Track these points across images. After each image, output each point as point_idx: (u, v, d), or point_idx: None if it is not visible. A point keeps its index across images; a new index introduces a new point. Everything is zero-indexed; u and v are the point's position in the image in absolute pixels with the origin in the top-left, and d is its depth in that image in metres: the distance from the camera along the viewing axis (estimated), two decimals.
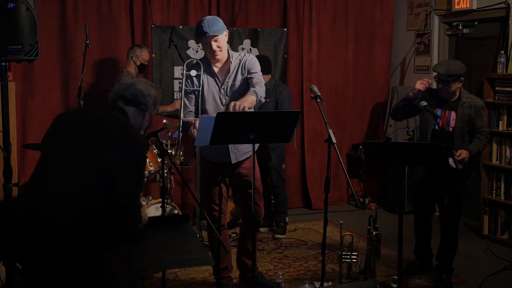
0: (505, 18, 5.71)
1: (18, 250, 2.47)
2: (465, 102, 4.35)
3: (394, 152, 3.86)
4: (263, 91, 4.01)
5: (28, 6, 3.41)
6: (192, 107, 4.03)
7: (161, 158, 3.85)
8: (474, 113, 4.35)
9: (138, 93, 2.80)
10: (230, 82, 4.02)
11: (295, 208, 6.74)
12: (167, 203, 4.64)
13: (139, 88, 2.82)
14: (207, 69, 4.03)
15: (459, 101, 4.36)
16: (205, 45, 3.97)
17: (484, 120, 4.43)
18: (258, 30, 6.46)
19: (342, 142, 7.00)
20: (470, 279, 4.56)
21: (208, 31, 3.88)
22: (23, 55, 3.46)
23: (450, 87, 4.31)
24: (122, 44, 6.03)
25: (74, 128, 2.60)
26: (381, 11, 7.13)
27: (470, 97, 4.43)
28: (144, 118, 2.85)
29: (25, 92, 5.70)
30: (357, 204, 6.94)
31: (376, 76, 7.21)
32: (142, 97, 2.80)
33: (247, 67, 4.03)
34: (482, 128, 4.36)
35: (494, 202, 5.56)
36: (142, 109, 2.80)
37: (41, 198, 2.47)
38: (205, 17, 3.97)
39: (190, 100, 4.03)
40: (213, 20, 3.93)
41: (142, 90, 2.82)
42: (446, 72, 4.27)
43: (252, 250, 3.58)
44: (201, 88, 3.99)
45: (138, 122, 2.81)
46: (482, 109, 4.43)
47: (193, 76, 4.00)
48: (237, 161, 4.06)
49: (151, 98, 2.83)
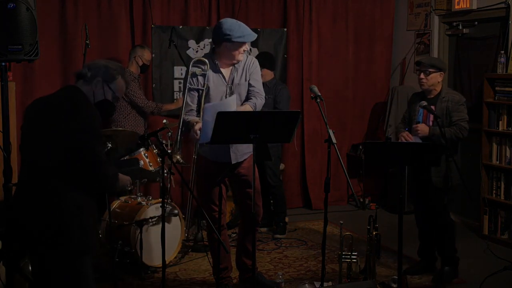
0: (505, 18, 5.70)
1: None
2: (444, 97, 4.46)
3: (394, 152, 3.87)
4: (261, 104, 4.07)
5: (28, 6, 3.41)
6: (194, 105, 4.00)
7: (161, 158, 3.85)
8: (451, 107, 4.41)
9: (82, 68, 3.07)
10: (236, 81, 4.02)
11: (295, 208, 6.74)
12: (167, 203, 4.64)
13: (85, 64, 3.10)
14: (214, 67, 4.01)
15: (439, 96, 4.47)
16: (237, 46, 3.88)
17: (462, 115, 4.41)
18: (258, 30, 6.46)
19: (342, 142, 6.99)
20: (470, 279, 4.56)
21: (250, 33, 3.85)
22: (23, 55, 3.46)
23: (431, 77, 4.45)
24: (122, 44, 6.03)
25: (32, 113, 2.97)
26: (381, 11, 7.13)
27: (449, 92, 4.54)
28: (98, 87, 2.99)
29: (25, 92, 5.69)
30: (357, 204, 6.94)
31: (376, 76, 7.21)
32: (84, 69, 3.01)
33: (250, 71, 4.04)
34: (458, 121, 4.37)
35: (494, 202, 5.56)
36: (87, 80, 2.98)
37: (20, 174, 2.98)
38: (232, 21, 3.90)
39: (193, 98, 4.00)
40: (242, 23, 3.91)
41: (87, 64, 3.07)
42: (428, 62, 4.51)
43: (252, 250, 3.58)
44: (205, 87, 3.98)
45: (90, 92, 2.97)
46: (461, 105, 4.44)
47: (198, 75, 3.98)
48: (237, 161, 4.06)
49: (95, 69, 3.00)
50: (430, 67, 4.46)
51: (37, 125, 2.91)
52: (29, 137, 2.94)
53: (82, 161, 2.81)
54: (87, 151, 2.81)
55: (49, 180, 2.82)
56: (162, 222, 3.56)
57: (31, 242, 2.86)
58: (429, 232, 4.66)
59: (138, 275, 4.54)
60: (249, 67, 4.05)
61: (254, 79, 4.07)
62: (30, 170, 2.92)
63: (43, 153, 2.85)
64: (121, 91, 3.09)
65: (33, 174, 2.89)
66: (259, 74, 4.11)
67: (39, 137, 2.88)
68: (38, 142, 2.88)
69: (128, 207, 4.78)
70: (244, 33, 3.85)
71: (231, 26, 3.85)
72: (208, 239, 4.28)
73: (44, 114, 2.90)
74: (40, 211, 2.81)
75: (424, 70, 4.47)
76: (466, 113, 4.46)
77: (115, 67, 3.07)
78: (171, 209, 4.77)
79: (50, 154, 2.83)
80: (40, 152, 2.87)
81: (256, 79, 4.06)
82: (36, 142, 2.90)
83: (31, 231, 2.82)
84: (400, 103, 6.77)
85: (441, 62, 4.63)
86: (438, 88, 4.50)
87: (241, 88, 4.04)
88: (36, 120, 2.92)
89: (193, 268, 4.83)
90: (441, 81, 4.51)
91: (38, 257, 2.90)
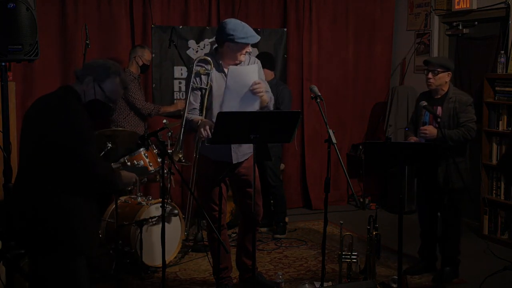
0: (505, 18, 5.70)
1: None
2: (451, 97, 4.43)
3: (394, 152, 3.87)
4: (273, 100, 4.10)
5: (28, 6, 3.41)
6: (197, 104, 3.99)
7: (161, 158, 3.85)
8: (459, 107, 4.39)
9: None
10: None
11: (295, 208, 6.74)
12: (167, 203, 4.64)
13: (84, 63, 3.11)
14: (217, 67, 4.01)
15: (446, 96, 4.44)
16: (240, 47, 3.87)
17: (469, 116, 4.38)
18: (258, 30, 6.45)
19: (342, 142, 7.00)
20: (470, 279, 4.56)
21: (254, 34, 3.83)
22: (23, 55, 3.46)
23: (438, 77, 4.41)
24: (122, 44, 6.03)
25: (27, 114, 2.96)
26: (381, 11, 7.13)
27: (457, 93, 4.50)
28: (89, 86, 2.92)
29: (25, 92, 5.69)
30: (357, 204, 6.94)
31: (376, 76, 7.21)
32: (77, 71, 2.97)
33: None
34: (466, 123, 4.34)
35: (494, 202, 5.56)
36: (80, 79, 2.93)
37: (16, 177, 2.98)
38: (235, 21, 3.89)
39: (196, 97, 3.98)
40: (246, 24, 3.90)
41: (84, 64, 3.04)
42: (437, 61, 4.47)
43: (252, 250, 3.58)
44: (208, 86, 3.97)
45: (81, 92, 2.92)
46: (469, 105, 4.42)
47: (202, 74, 3.96)
48: (238, 161, 4.06)
49: (88, 68, 2.95)
50: (438, 67, 4.40)
51: (28, 127, 2.90)
52: (22, 138, 2.94)
53: (70, 162, 2.77)
54: (73, 152, 2.77)
55: (38, 182, 2.81)
56: (162, 222, 3.56)
57: (24, 243, 2.87)
58: (431, 232, 4.67)
59: (138, 275, 4.54)
60: None
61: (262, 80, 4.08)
62: (22, 171, 2.92)
63: (32, 154, 2.85)
64: (116, 92, 2.99)
65: (24, 176, 2.89)
66: (263, 75, 4.13)
67: (29, 139, 2.89)
68: (28, 143, 2.89)
69: (128, 207, 4.78)
70: (248, 35, 3.83)
71: (234, 27, 3.83)
72: (208, 239, 4.28)
73: (35, 115, 2.89)
74: (29, 214, 2.81)
75: (432, 70, 4.42)
76: (474, 114, 4.43)
77: (111, 67, 2.98)
78: (171, 209, 4.77)
79: (38, 156, 2.81)
80: (30, 153, 2.87)
81: (261, 79, 4.07)
82: (27, 144, 2.90)
83: (23, 233, 2.83)
84: (400, 103, 6.77)
85: (449, 61, 4.58)
86: (445, 88, 4.46)
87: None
88: (28, 122, 2.92)
89: (193, 268, 4.83)
90: (448, 81, 4.47)
91: (32, 258, 2.92)
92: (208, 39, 6.32)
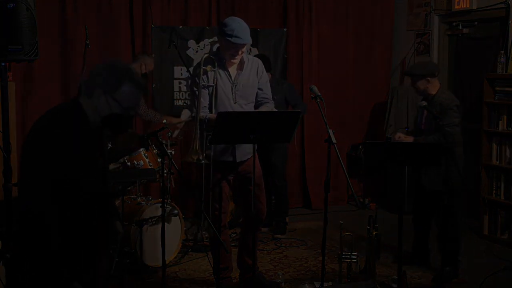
0: (505, 18, 5.70)
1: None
2: (436, 100, 4.44)
3: (394, 152, 3.87)
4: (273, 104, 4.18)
5: (28, 6, 3.41)
6: (206, 102, 3.99)
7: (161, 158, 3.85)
8: (439, 110, 4.37)
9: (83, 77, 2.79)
10: (242, 81, 4.01)
11: (295, 208, 6.73)
12: (167, 203, 4.64)
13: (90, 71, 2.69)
14: (221, 65, 4.01)
15: (432, 100, 4.47)
16: (229, 46, 3.88)
17: (449, 119, 4.32)
18: (258, 30, 6.46)
19: (342, 142, 6.99)
20: (470, 279, 4.56)
21: (242, 37, 3.83)
22: (23, 55, 3.46)
23: (417, 85, 4.52)
24: (122, 44, 6.03)
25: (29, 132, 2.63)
26: (381, 11, 7.13)
27: (441, 96, 4.49)
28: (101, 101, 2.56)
29: (25, 92, 5.69)
30: (357, 204, 6.94)
31: (376, 76, 7.21)
32: (83, 85, 2.63)
33: (259, 75, 4.08)
34: (444, 127, 4.23)
35: (494, 202, 5.56)
36: (87, 94, 2.59)
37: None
38: (235, 19, 3.91)
39: (205, 95, 3.99)
40: (246, 27, 3.89)
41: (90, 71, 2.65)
42: (409, 71, 4.74)
43: (252, 249, 3.58)
44: (215, 84, 3.96)
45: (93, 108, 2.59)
46: (450, 109, 4.38)
47: (209, 72, 3.96)
48: (241, 160, 4.05)
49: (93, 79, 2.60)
50: (413, 76, 4.54)
51: (27, 149, 2.58)
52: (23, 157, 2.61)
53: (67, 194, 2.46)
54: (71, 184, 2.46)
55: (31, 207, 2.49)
56: (162, 222, 3.56)
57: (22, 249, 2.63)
58: (423, 232, 4.76)
59: (138, 275, 4.54)
60: (259, 68, 4.08)
61: (263, 84, 4.11)
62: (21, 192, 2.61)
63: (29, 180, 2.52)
64: (133, 99, 2.61)
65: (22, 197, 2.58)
66: (267, 78, 4.14)
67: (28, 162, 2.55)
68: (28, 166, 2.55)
69: (128, 207, 4.78)
70: (234, 33, 3.81)
71: (227, 22, 3.89)
72: (209, 238, 4.28)
73: (34, 137, 2.56)
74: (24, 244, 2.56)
75: (411, 78, 4.57)
76: (456, 117, 4.38)
77: (118, 72, 2.59)
78: (171, 209, 4.77)
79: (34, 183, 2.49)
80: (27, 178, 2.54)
81: (265, 84, 4.11)
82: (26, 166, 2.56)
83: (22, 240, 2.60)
84: (400, 103, 6.77)
85: (423, 68, 4.57)
86: (432, 91, 4.50)
87: (249, 90, 4.03)
88: (28, 141, 2.60)
89: (193, 268, 4.83)
90: (430, 85, 4.49)
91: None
92: (208, 39, 6.32)
